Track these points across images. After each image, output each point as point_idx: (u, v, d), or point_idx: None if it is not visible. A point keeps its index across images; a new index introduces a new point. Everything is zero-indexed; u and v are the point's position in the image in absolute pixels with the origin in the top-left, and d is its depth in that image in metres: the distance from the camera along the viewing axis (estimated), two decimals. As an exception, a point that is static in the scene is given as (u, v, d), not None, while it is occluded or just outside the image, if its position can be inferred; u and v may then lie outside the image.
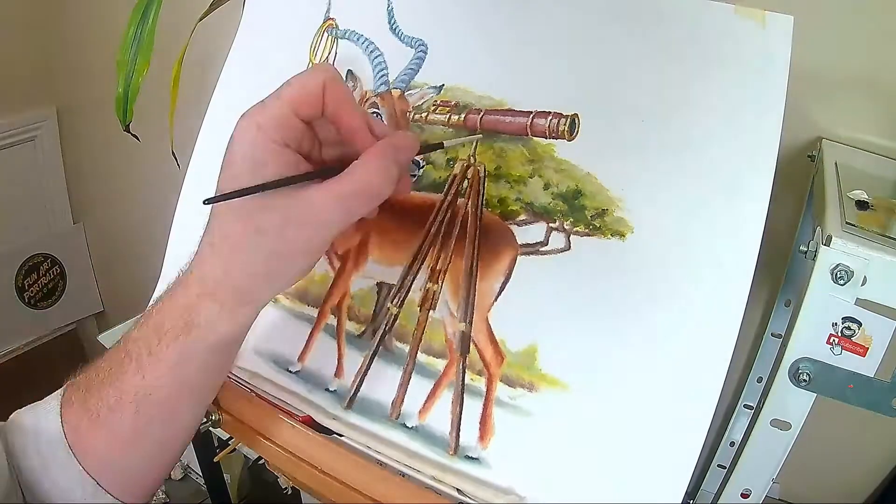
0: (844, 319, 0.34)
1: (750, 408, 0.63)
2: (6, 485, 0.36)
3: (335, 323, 0.46)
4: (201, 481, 1.03)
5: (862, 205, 0.40)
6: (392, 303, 0.44)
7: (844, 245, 0.33)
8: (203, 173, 0.55)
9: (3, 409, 0.44)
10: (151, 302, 0.38)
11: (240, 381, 0.46)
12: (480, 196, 0.42)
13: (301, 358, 0.46)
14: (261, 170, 0.32)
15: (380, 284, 0.45)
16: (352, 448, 0.41)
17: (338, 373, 0.44)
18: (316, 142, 0.37)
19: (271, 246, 0.33)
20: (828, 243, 0.34)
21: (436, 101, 0.45)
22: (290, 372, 0.46)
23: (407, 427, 0.41)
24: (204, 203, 0.33)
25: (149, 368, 0.35)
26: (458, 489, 0.38)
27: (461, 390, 0.40)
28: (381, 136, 0.35)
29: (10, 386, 1.32)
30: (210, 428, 0.44)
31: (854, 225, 0.36)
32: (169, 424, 0.38)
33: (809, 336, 0.35)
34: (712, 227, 0.37)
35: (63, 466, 0.37)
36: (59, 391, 0.39)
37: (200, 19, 0.72)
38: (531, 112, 0.42)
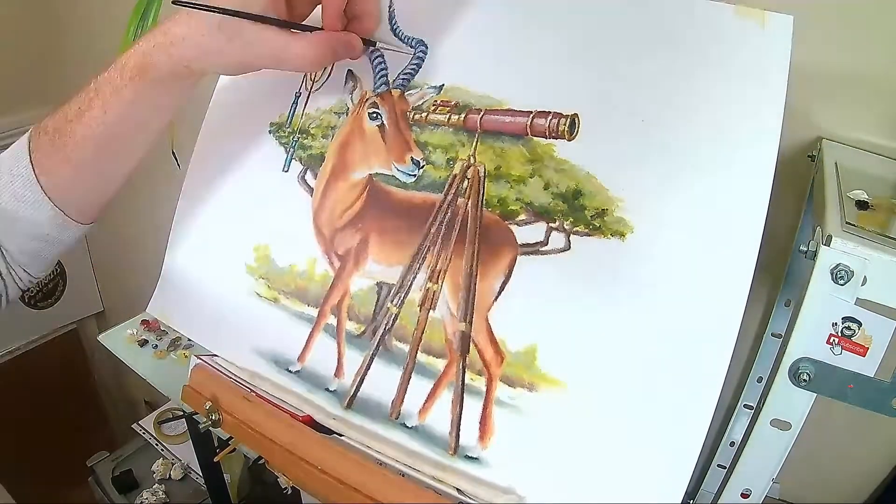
0: (844, 319, 0.34)
1: (750, 408, 0.63)
2: None
3: (335, 323, 0.46)
4: (201, 481, 1.03)
5: (862, 205, 0.39)
6: (392, 303, 0.44)
7: (844, 245, 0.33)
8: (203, 173, 0.55)
9: (4, 408, 0.44)
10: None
11: (240, 381, 0.46)
12: (480, 196, 0.42)
13: (301, 358, 0.46)
14: (252, 2, 0.41)
15: (380, 284, 0.45)
16: (352, 448, 0.41)
17: (338, 373, 0.44)
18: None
19: (220, 43, 0.42)
20: (828, 243, 0.34)
21: (436, 101, 0.45)
22: (290, 372, 0.46)
23: (407, 427, 0.41)
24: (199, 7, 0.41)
25: (111, 104, 0.45)
26: (458, 489, 0.38)
27: (461, 390, 0.40)
28: (357, 13, 0.45)
29: (10, 386, 1.32)
30: (210, 428, 0.44)
31: (854, 225, 0.36)
32: (122, 155, 0.49)
33: (809, 336, 0.35)
34: (712, 226, 0.37)
35: (38, 204, 0.47)
36: (25, 138, 0.49)
37: (200, 19, 0.72)
38: (531, 112, 0.42)
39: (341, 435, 0.42)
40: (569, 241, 0.40)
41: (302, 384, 0.45)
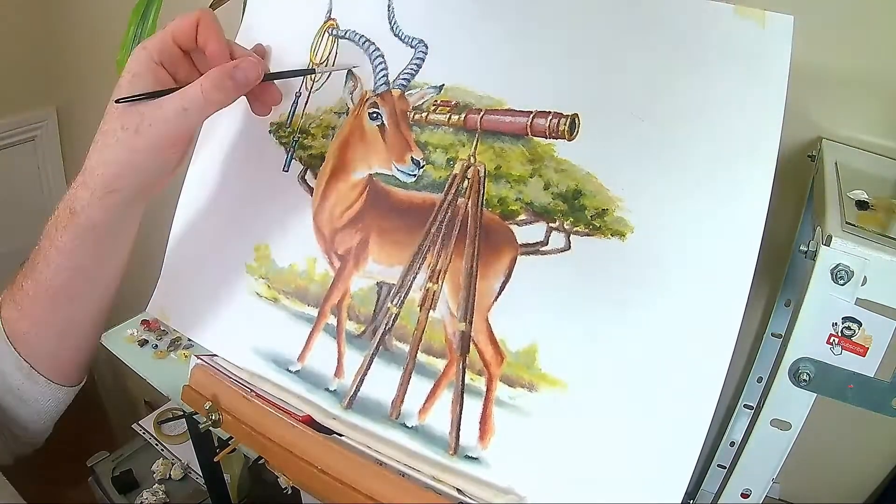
0: (844, 319, 0.34)
1: (750, 408, 0.63)
2: None
3: (335, 323, 0.46)
4: (201, 481, 1.03)
5: (862, 205, 0.39)
6: (392, 302, 0.44)
7: (844, 245, 0.33)
8: (203, 173, 0.55)
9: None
10: None
11: (240, 381, 0.46)
12: (480, 196, 0.42)
13: (301, 358, 0.46)
14: (138, 81, 0.41)
15: (380, 284, 0.45)
16: (352, 448, 0.41)
17: (338, 373, 0.44)
18: (195, 72, 0.44)
19: (130, 141, 0.40)
20: (828, 243, 0.34)
21: (436, 101, 0.45)
22: (290, 372, 0.46)
23: (407, 427, 0.41)
24: (116, 101, 0.41)
25: (52, 258, 0.44)
26: (458, 489, 0.38)
27: (461, 390, 0.40)
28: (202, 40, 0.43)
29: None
30: (210, 428, 0.44)
31: (854, 225, 0.36)
32: (76, 306, 0.47)
33: (809, 336, 0.35)
34: (712, 226, 0.37)
35: (3, 355, 0.46)
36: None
37: (200, 19, 0.72)
38: (531, 112, 0.42)
39: (341, 435, 0.42)
40: (569, 241, 0.40)
41: (302, 384, 0.45)
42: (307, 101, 0.51)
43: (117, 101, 0.40)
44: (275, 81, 0.48)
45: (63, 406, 0.51)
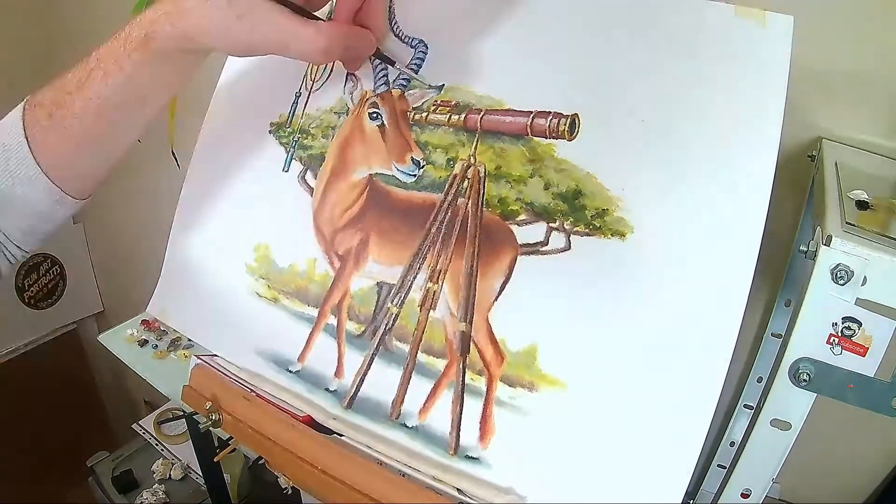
0: (844, 319, 0.34)
1: (750, 408, 0.63)
2: None
3: (335, 323, 0.46)
4: (201, 481, 1.03)
5: (862, 205, 0.39)
6: (392, 303, 0.44)
7: (844, 245, 0.33)
8: (203, 173, 0.55)
9: (4, 408, 0.44)
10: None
11: (240, 381, 0.46)
12: (481, 196, 0.42)
13: (301, 358, 0.46)
14: None
15: (380, 284, 0.45)
16: (352, 448, 0.41)
17: (338, 373, 0.44)
18: None
19: (228, 20, 0.40)
20: (828, 243, 0.34)
21: (436, 100, 0.45)
22: (290, 372, 0.46)
23: (407, 427, 0.41)
24: None
25: (112, 76, 0.43)
26: (458, 489, 0.38)
27: (461, 390, 0.40)
28: (363, 21, 0.45)
29: (10, 386, 1.32)
30: (210, 428, 0.44)
31: (854, 225, 0.36)
32: (122, 128, 0.47)
33: (809, 336, 0.35)
34: (712, 226, 0.37)
35: (31, 180, 0.46)
36: (18, 112, 0.47)
37: (200, 19, 0.72)
38: (531, 112, 0.42)
39: (341, 435, 0.42)
40: (569, 241, 0.40)
41: (302, 384, 0.45)
42: (307, 102, 0.51)
43: None
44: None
45: (66, 219, 0.51)
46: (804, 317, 0.35)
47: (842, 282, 0.33)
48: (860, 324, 0.34)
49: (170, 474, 1.07)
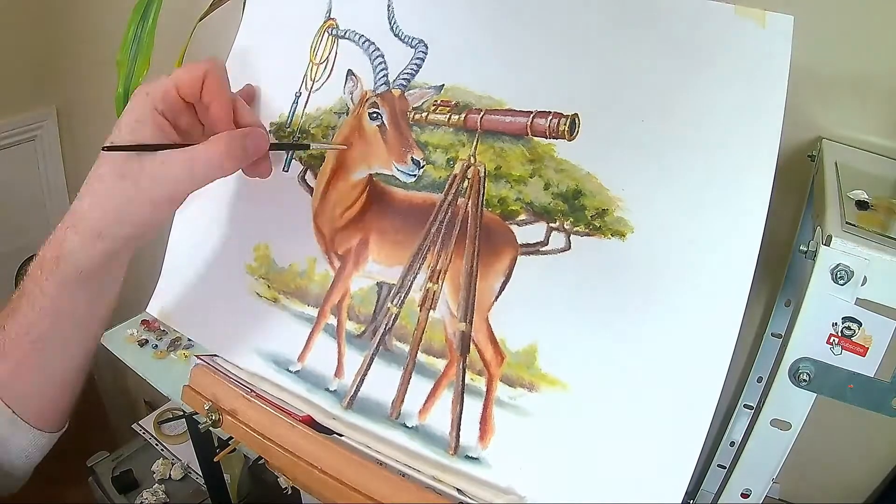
0: (844, 319, 0.34)
1: (750, 408, 0.63)
2: None
3: (335, 323, 0.46)
4: (201, 481, 1.03)
5: (862, 205, 0.39)
6: (392, 303, 0.44)
7: (844, 245, 0.33)
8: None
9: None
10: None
11: (240, 381, 0.46)
12: (481, 196, 0.42)
13: (301, 358, 0.46)
14: (139, 128, 0.39)
15: (380, 284, 0.45)
16: (352, 448, 0.41)
17: (338, 373, 0.44)
18: (197, 122, 0.44)
19: (127, 191, 0.39)
20: (828, 243, 0.34)
21: (436, 100, 0.45)
22: (290, 372, 0.46)
23: (407, 427, 0.41)
24: (102, 149, 0.39)
25: (37, 301, 0.41)
26: (458, 489, 0.38)
27: (461, 390, 0.40)
28: (246, 125, 0.43)
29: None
30: (210, 428, 0.44)
31: (854, 225, 0.36)
32: (59, 351, 0.44)
33: (809, 336, 0.35)
34: (712, 226, 0.37)
35: None
36: None
37: (200, 19, 0.72)
38: (531, 112, 0.42)
39: (341, 435, 0.42)
40: (569, 241, 0.40)
41: (302, 384, 0.45)
42: (307, 101, 0.51)
43: (110, 149, 0.39)
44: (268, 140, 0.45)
45: (45, 451, 0.48)
46: (804, 317, 0.35)
47: (842, 282, 0.33)
48: (860, 324, 0.34)
49: (170, 474, 1.07)
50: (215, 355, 0.49)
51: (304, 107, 0.51)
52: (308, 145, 0.47)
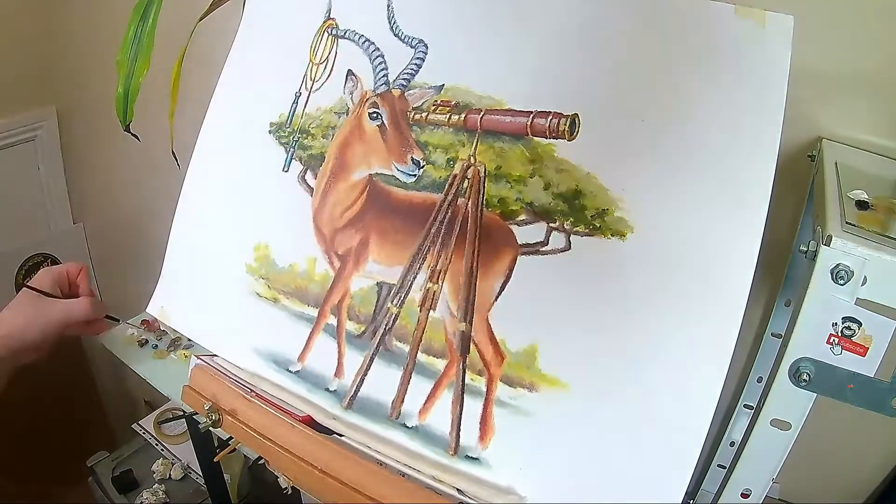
0: (844, 319, 0.34)
1: (750, 408, 0.63)
2: None
3: (335, 323, 0.46)
4: (201, 481, 1.03)
5: (862, 205, 0.39)
6: (392, 303, 0.44)
7: (844, 245, 0.33)
8: (203, 173, 0.55)
9: (4, 408, 0.44)
10: None
11: (240, 381, 0.46)
12: (481, 196, 0.42)
13: (301, 358, 0.46)
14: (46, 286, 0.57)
15: (380, 284, 0.45)
16: (352, 448, 0.41)
17: (338, 373, 0.44)
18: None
19: (31, 312, 0.54)
20: (828, 243, 0.34)
21: (436, 100, 0.45)
22: (290, 372, 0.46)
23: (407, 427, 0.41)
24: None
25: None
26: (458, 489, 0.38)
27: (461, 390, 0.40)
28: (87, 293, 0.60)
29: (9, 386, 1.32)
30: (210, 428, 0.44)
31: (854, 225, 0.36)
32: None
33: (809, 336, 0.35)
34: (712, 226, 0.37)
35: None
36: None
37: (200, 19, 0.72)
38: (531, 112, 0.42)
39: (341, 435, 0.42)
40: (569, 241, 0.40)
41: (302, 384, 0.45)
42: (307, 101, 0.51)
43: (27, 287, 0.55)
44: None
45: None
46: (804, 317, 0.35)
47: (842, 282, 0.33)
48: (860, 324, 0.34)
49: (170, 474, 1.07)
50: (215, 355, 0.49)
51: (304, 106, 0.51)
52: (117, 320, 0.64)
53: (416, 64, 0.46)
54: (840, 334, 0.34)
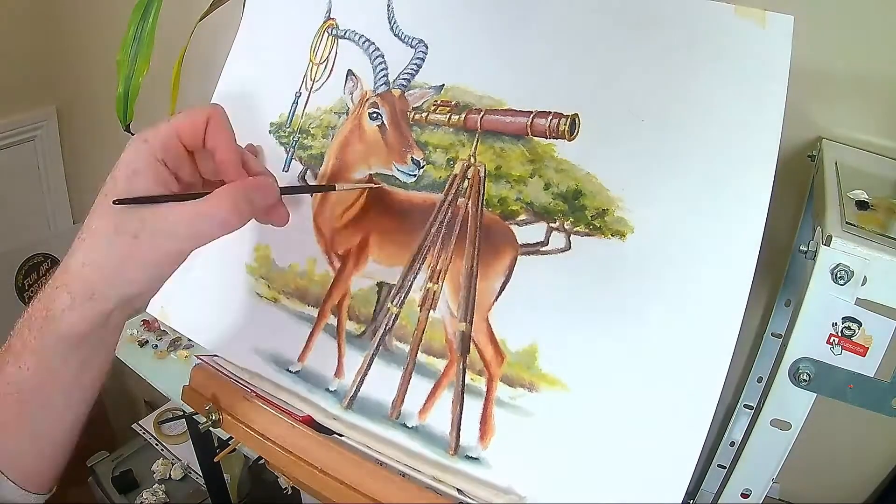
0: (844, 319, 0.34)
1: (750, 408, 0.63)
2: None
3: (335, 323, 0.46)
4: (201, 481, 1.03)
5: (862, 205, 0.40)
6: (392, 303, 0.44)
7: (844, 245, 0.33)
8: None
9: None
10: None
11: (240, 381, 0.46)
12: (481, 196, 0.42)
13: (301, 358, 0.46)
14: (138, 179, 0.36)
15: (380, 284, 0.45)
16: (352, 448, 0.41)
17: (338, 373, 0.44)
18: (197, 173, 0.41)
19: (124, 248, 0.35)
20: (828, 243, 0.34)
21: (436, 100, 0.45)
22: (290, 372, 0.46)
23: (407, 427, 0.41)
24: (113, 202, 0.36)
25: (23, 359, 0.37)
26: (458, 489, 0.38)
27: (461, 390, 0.40)
28: (254, 174, 0.41)
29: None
30: (210, 428, 0.44)
31: (854, 225, 0.36)
32: (47, 412, 0.40)
33: (809, 336, 0.35)
34: (712, 226, 0.37)
35: None
36: None
37: (200, 19, 0.72)
38: (531, 112, 0.42)
39: (341, 435, 0.42)
40: (569, 241, 0.40)
41: (302, 384, 0.45)
42: (307, 101, 0.51)
43: (116, 203, 0.35)
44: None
45: None
46: (804, 317, 0.35)
47: (842, 282, 0.34)
48: (860, 324, 0.34)
49: (170, 474, 1.07)
50: (215, 355, 0.49)
51: (304, 107, 0.51)
52: (333, 186, 0.45)
53: (416, 64, 0.46)
54: (840, 334, 0.34)
